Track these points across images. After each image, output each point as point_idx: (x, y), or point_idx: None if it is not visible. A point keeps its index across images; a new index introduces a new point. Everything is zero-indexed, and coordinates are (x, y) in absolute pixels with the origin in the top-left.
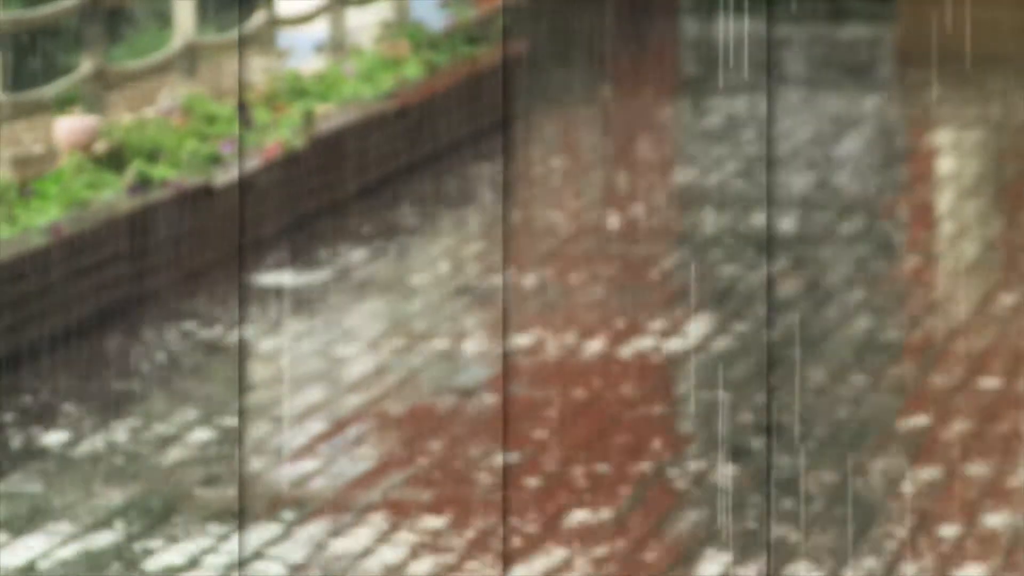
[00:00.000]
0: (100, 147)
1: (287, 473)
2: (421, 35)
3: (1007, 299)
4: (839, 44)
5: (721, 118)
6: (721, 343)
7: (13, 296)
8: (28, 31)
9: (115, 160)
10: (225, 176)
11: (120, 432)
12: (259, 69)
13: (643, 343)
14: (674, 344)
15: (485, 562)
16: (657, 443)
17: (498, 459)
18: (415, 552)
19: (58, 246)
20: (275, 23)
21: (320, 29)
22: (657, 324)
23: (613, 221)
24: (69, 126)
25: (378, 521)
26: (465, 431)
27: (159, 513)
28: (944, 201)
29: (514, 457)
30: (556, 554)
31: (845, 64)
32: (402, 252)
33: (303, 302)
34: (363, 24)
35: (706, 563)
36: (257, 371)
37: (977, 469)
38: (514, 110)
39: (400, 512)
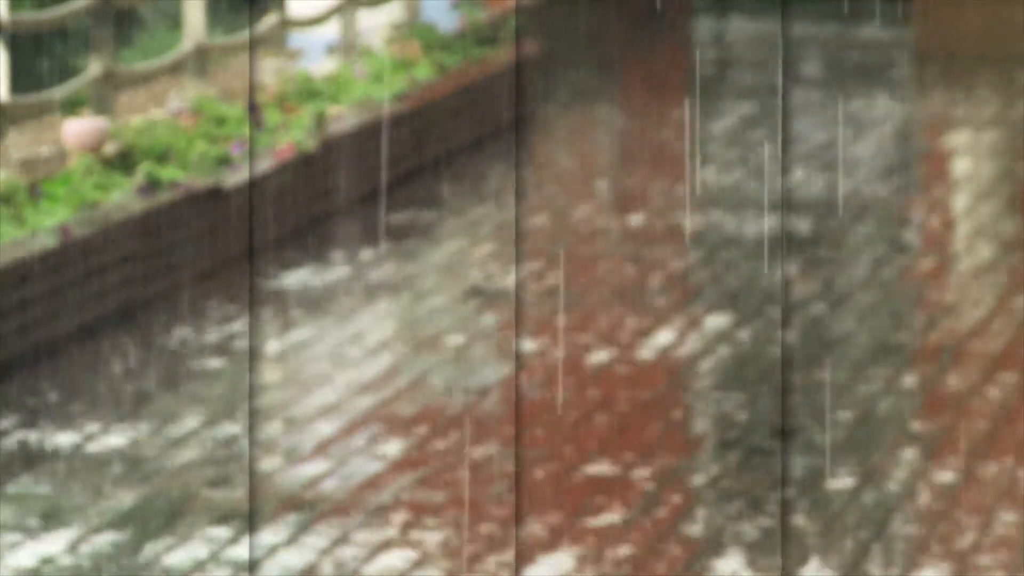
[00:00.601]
0: (109, 149)
1: (298, 474)
2: (432, 36)
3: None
4: (856, 45)
5: (735, 119)
6: (734, 344)
7: (22, 297)
8: (37, 32)
9: (124, 162)
10: (235, 177)
11: (130, 434)
12: (270, 70)
13: (654, 344)
14: (687, 345)
15: (497, 563)
16: (669, 445)
17: (510, 459)
18: (426, 553)
19: (67, 248)
20: (286, 24)
21: (331, 30)
22: (669, 325)
23: (626, 222)
24: (78, 128)
25: (389, 522)
26: (477, 432)
27: (168, 515)
28: (961, 202)
29: (526, 457)
30: (569, 555)
31: (862, 65)
32: (414, 253)
33: (314, 303)
34: (374, 25)
35: (720, 565)
36: (268, 373)
37: (993, 470)
38: (526, 111)
39: (412, 513)
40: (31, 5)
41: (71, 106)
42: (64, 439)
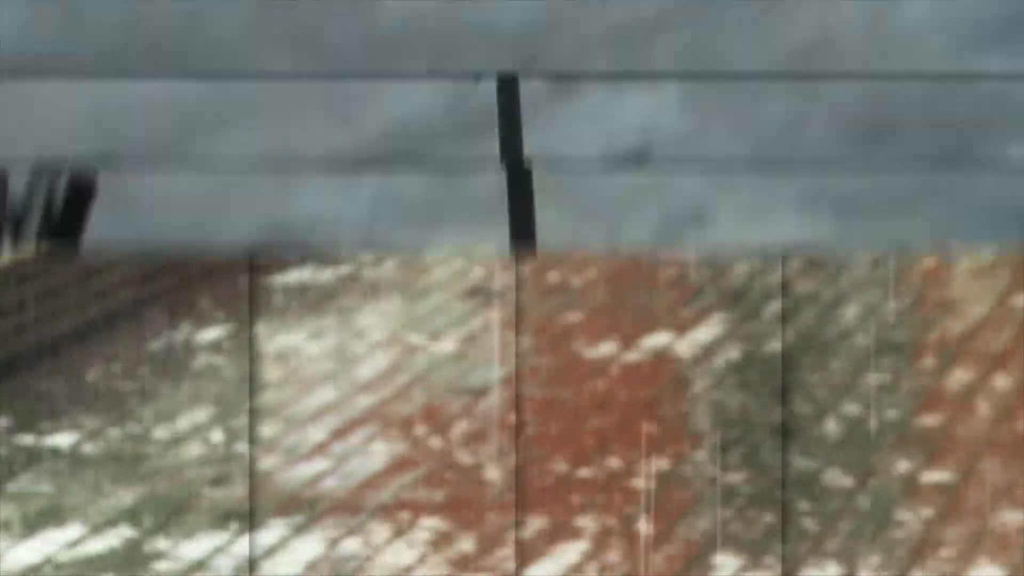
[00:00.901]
0: None
1: (298, 474)
2: None
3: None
4: None
5: None
6: (734, 344)
7: (22, 296)
8: None
9: None
10: None
11: (129, 433)
12: None
13: (654, 344)
14: (687, 345)
15: (497, 563)
16: (667, 446)
17: (510, 459)
18: (426, 553)
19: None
20: None
21: None
22: (669, 325)
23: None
24: None
25: (388, 521)
26: (476, 431)
27: (168, 514)
28: None
29: (526, 457)
30: (568, 555)
31: None
32: (413, 253)
33: (314, 303)
34: None
35: (719, 566)
36: (268, 372)
37: (993, 470)
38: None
39: (411, 512)
40: None
41: None
42: (63, 439)
